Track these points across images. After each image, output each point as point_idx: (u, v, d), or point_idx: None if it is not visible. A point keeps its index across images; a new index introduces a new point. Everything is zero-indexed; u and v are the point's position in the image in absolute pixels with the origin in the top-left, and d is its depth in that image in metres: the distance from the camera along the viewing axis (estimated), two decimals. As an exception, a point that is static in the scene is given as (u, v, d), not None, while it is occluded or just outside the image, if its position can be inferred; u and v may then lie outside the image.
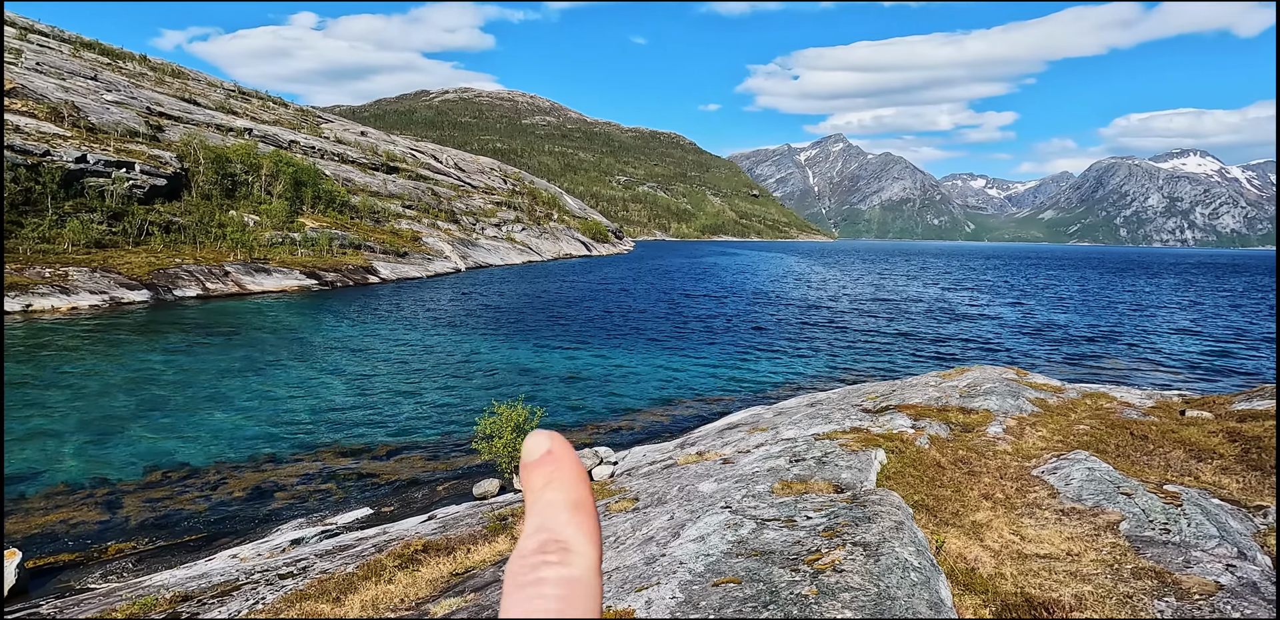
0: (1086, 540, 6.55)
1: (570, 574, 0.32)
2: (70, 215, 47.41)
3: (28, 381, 22.38)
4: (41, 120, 55.88)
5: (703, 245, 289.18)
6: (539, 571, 0.32)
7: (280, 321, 37.48)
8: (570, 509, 0.34)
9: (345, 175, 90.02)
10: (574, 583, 0.32)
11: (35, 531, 12.07)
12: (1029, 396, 12.81)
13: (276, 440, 17.51)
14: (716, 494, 7.71)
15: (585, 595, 0.32)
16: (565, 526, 0.34)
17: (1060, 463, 8.82)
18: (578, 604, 0.31)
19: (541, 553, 0.33)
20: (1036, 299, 62.61)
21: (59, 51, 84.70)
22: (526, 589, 0.32)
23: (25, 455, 15.74)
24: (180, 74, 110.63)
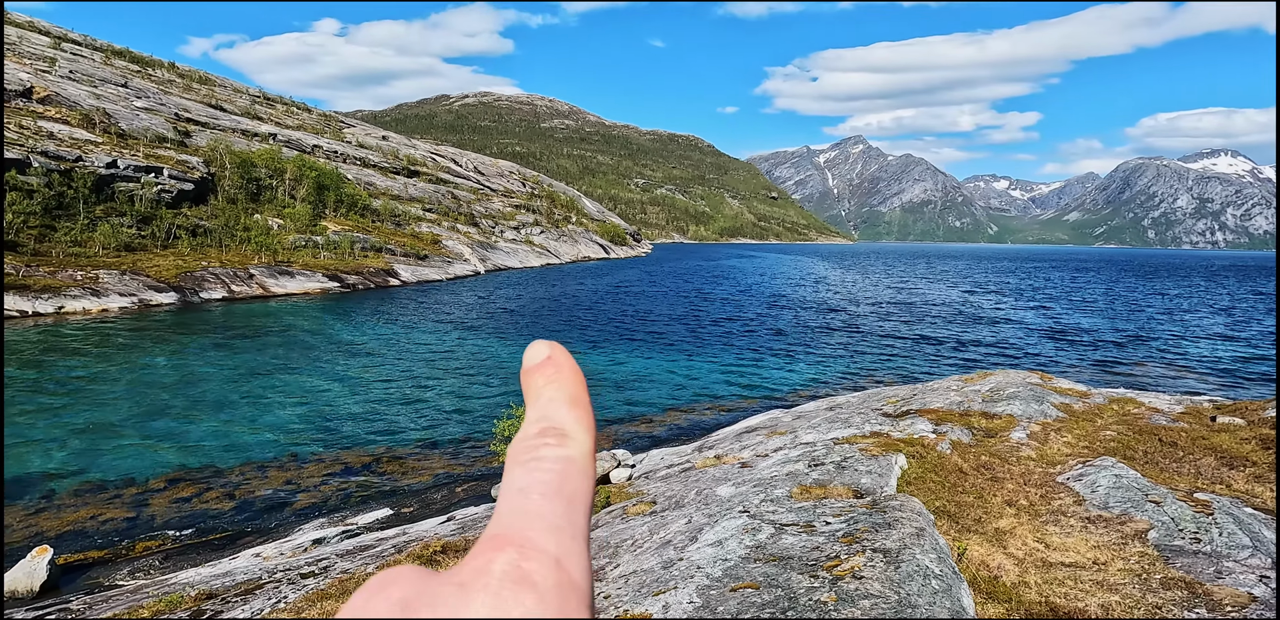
0: (1113, 549, 6.42)
1: (567, 454, 0.35)
2: (101, 219, 48.54)
3: (60, 381, 22.92)
4: (74, 127, 57.30)
5: (721, 248, 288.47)
6: (539, 451, 0.35)
7: (303, 324, 38.02)
8: (569, 403, 0.37)
9: (367, 179, 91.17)
10: (570, 461, 0.35)
11: (66, 529, 12.33)
12: (1053, 401, 12.59)
13: (299, 441, 17.74)
14: (734, 498, 7.67)
15: (579, 473, 0.35)
16: (564, 417, 0.37)
17: (1086, 469, 8.66)
18: (573, 478, 0.34)
19: (541, 436, 0.36)
20: (1061, 302, 61.58)
21: (91, 60, 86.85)
22: (527, 464, 0.35)
23: (57, 454, 16.11)
24: (207, 80, 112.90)
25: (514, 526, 0.31)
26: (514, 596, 0.27)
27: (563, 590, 0.29)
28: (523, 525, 0.31)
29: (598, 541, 7.71)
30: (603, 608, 4.80)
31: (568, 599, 0.29)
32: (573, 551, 0.31)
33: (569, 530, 0.32)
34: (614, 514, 9.55)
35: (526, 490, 0.34)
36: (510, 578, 0.28)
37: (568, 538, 0.32)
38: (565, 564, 0.30)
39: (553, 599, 0.28)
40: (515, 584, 0.28)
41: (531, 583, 0.28)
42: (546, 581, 0.29)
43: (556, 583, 0.29)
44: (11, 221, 42.22)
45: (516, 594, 0.27)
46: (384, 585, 0.31)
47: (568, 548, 0.31)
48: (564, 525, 0.32)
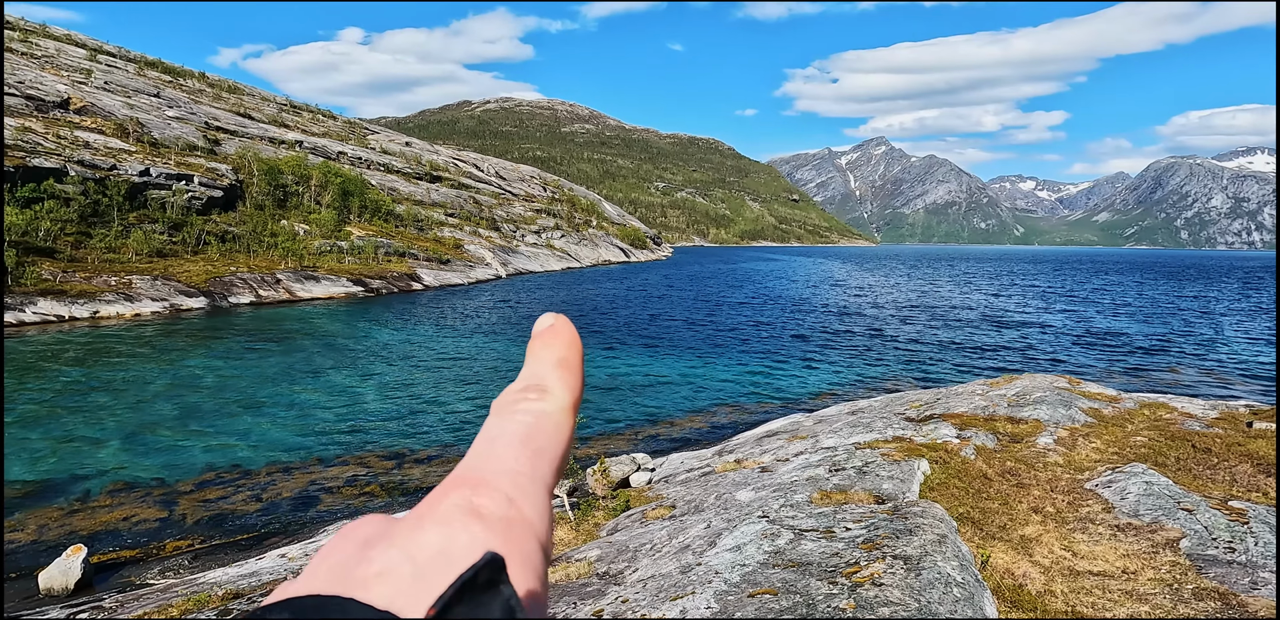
0: (1144, 558, 6.27)
1: (543, 408, 0.37)
2: (134, 226, 49.79)
3: (94, 385, 23.52)
4: (109, 136, 58.92)
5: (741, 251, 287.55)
6: (518, 404, 0.38)
7: (328, 328, 38.61)
8: (556, 364, 0.40)
9: (390, 185, 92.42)
10: (544, 415, 0.37)
11: (99, 528, 12.64)
12: (1082, 406, 12.34)
13: (323, 443, 18.00)
14: (754, 503, 7.63)
15: (552, 426, 0.36)
16: (548, 375, 0.39)
17: (1116, 476, 8.47)
18: (545, 430, 0.36)
19: (524, 391, 0.39)
20: (1090, 305, 60.35)
21: (125, 71, 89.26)
22: (503, 415, 0.37)
23: (94, 455, 16.53)
24: (236, 90, 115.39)
25: (474, 468, 0.33)
26: (463, 526, 0.29)
27: (511, 523, 0.30)
28: (482, 467, 0.33)
29: (616, 546, 7.71)
30: (620, 612, 4.80)
31: (516, 531, 0.30)
32: (529, 493, 0.32)
33: (528, 475, 0.33)
34: (633, 518, 9.54)
35: (495, 438, 0.35)
36: (460, 510, 0.30)
37: (525, 481, 0.33)
38: (518, 502, 0.31)
39: (500, 528, 0.29)
40: (464, 515, 0.29)
41: (480, 515, 0.30)
42: (495, 514, 0.30)
43: (505, 516, 0.30)
44: (49, 229, 43.48)
45: (466, 523, 0.29)
46: (352, 529, 0.33)
47: (524, 489, 0.32)
48: (524, 471, 0.33)
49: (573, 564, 7.09)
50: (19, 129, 49.94)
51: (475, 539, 0.28)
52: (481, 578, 0.24)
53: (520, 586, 0.27)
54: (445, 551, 0.28)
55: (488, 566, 0.25)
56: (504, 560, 0.26)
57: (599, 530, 9.71)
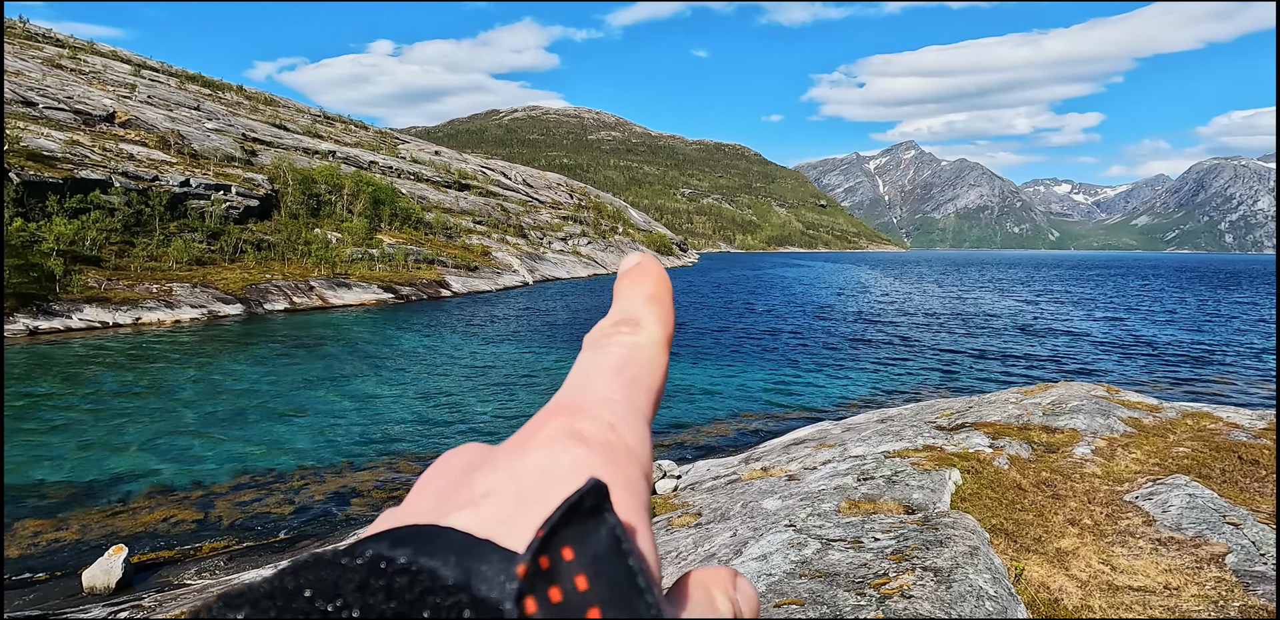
0: (1187, 573, 6.06)
1: (636, 341, 0.37)
2: (174, 235, 51.36)
3: (136, 389, 24.24)
4: (151, 148, 60.94)
5: (768, 257, 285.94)
6: (611, 337, 0.37)
7: (359, 334, 39.29)
8: (647, 299, 0.39)
9: (420, 193, 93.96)
10: (637, 347, 0.36)
11: (139, 529, 12.99)
12: (1121, 415, 11.99)
13: (354, 447, 18.29)
14: (780, 511, 7.56)
15: (646, 358, 0.36)
16: (640, 310, 0.39)
17: (1157, 488, 8.21)
18: (638, 361, 0.36)
19: (616, 325, 0.38)
20: (1131, 312, 58.70)
21: (167, 85, 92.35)
22: (595, 348, 0.37)
23: (133, 457, 17.02)
24: (272, 102, 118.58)
25: (571, 397, 0.33)
26: (565, 448, 0.29)
27: (613, 448, 0.30)
28: (580, 397, 0.33)
29: (642, 553, 7.69)
30: None
31: (618, 455, 0.29)
32: (628, 421, 0.32)
33: (625, 404, 0.33)
34: (659, 525, 9.52)
35: (589, 370, 0.35)
36: (563, 433, 0.30)
37: (623, 409, 0.32)
38: (619, 429, 0.31)
39: (602, 452, 0.29)
40: (566, 437, 0.29)
41: (583, 438, 0.29)
42: (597, 438, 0.30)
43: (607, 440, 0.30)
44: (95, 238, 45.05)
45: (567, 446, 0.29)
46: (450, 456, 0.33)
47: (622, 417, 0.32)
48: (620, 400, 0.33)
49: (598, 571, 7.09)
50: (68, 142, 51.93)
51: (579, 461, 0.28)
52: (587, 503, 0.24)
53: (624, 513, 0.27)
54: (549, 473, 0.27)
55: (593, 491, 0.24)
56: (607, 487, 0.25)
57: (624, 537, 9.69)
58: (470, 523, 0.25)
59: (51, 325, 35.82)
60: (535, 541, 0.22)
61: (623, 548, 0.23)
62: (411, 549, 0.22)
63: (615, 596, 0.22)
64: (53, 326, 35.79)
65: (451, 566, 0.21)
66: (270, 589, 0.21)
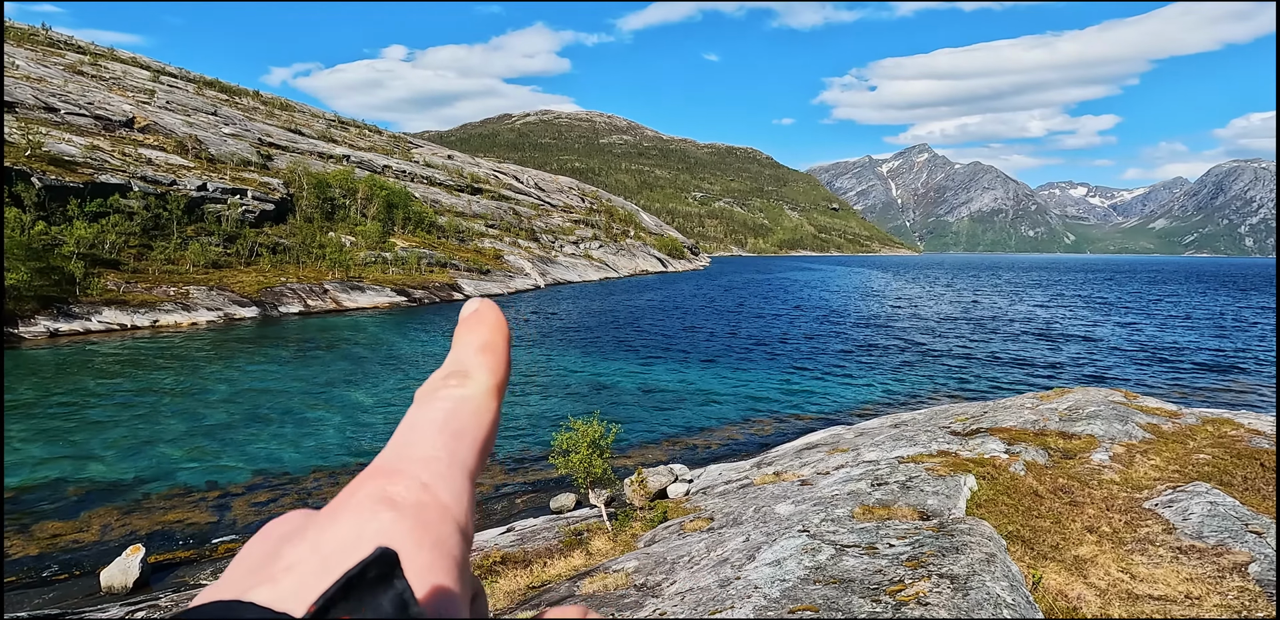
0: (1209, 582, 5.96)
1: (463, 394, 0.37)
2: (192, 238, 51.99)
3: (153, 391, 24.52)
4: (169, 153, 61.77)
5: (780, 260, 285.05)
6: (438, 392, 0.38)
7: (373, 336, 39.55)
8: (479, 349, 0.39)
9: (433, 197, 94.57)
10: (464, 400, 0.37)
11: (156, 529, 13.13)
12: (1139, 421, 11.84)
13: (367, 449, 18.40)
14: (794, 516, 7.52)
15: (472, 410, 0.37)
16: (470, 361, 0.39)
17: (1177, 495, 8.09)
18: (463, 415, 0.36)
19: (446, 378, 0.38)
20: (1148, 317, 57.96)
21: (185, 90, 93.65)
22: (424, 402, 0.37)
23: (151, 458, 17.21)
24: (287, 107, 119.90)
25: (390, 460, 0.33)
26: (373, 515, 0.29)
27: (424, 508, 0.30)
28: (398, 457, 0.33)
29: (654, 557, 7.67)
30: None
31: (429, 514, 0.30)
32: (445, 477, 0.32)
33: (446, 460, 0.33)
34: (671, 529, 9.49)
35: (414, 426, 0.35)
36: (372, 499, 0.30)
37: (443, 466, 0.33)
38: (433, 487, 0.31)
39: (411, 515, 0.29)
40: (375, 503, 0.30)
41: (392, 502, 0.30)
42: (407, 500, 0.30)
43: (418, 502, 0.30)
44: (114, 242, 45.70)
45: (375, 512, 0.29)
46: (272, 526, 0.33)
47: (439, 474, 0.32)
48: (441, 456, 0.33)
49: (610, 575, 7.08)
50: (88, 147, 52.75)
51: (384, 527, 0.28)
52: (370, 573, 0.24)
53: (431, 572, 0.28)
54: (355, 542, 0.28)
55: (377, 561, 0.24)
56: (396, 555, 0.25)
57: (636, 541, 9.68)
58: (270, 597, 0.25)
59: (71, 327, 36.34)
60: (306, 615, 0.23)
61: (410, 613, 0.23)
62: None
63: None
64: (73, 328, 36.31)
65: None
66: None
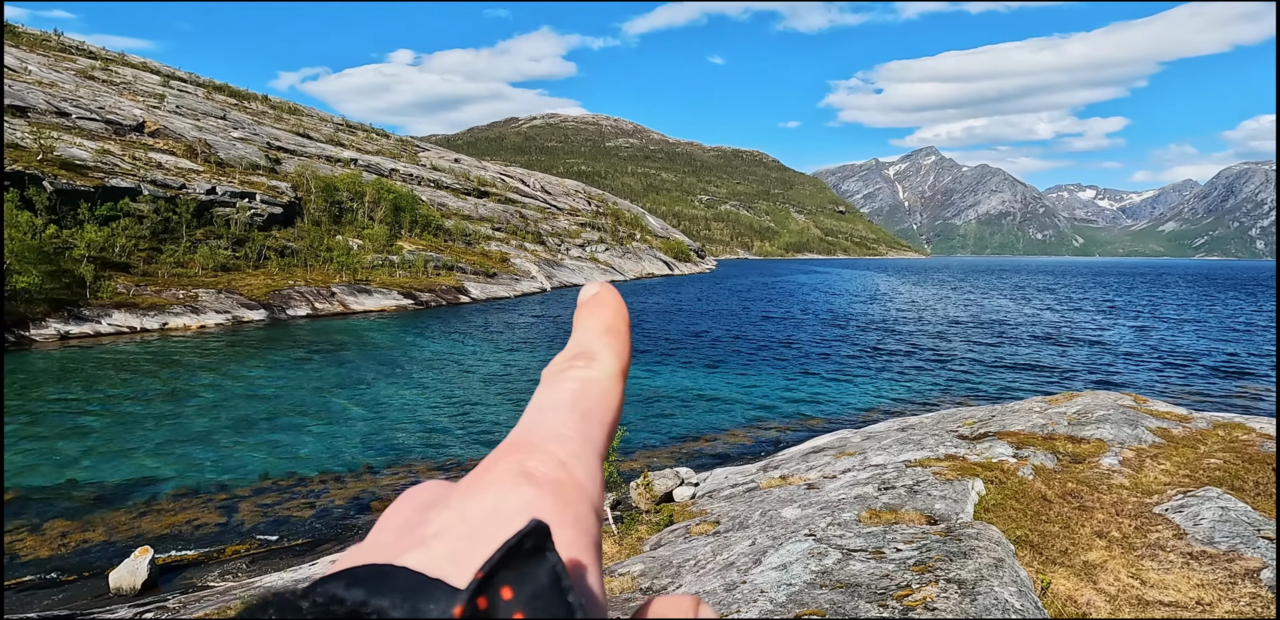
0: (1220, 588, 5.90)
1: (590, 375, 0.38)
2: (201, 242, 52.35)
3: (162, 393, 24.67)
4: (179, 157, 62.28)
5: (786, 263, 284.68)
6: (564, 372, 0.38)
7: (380, 339, 39.68)
8: (603, 332, 0.40)
9: (440, 200, 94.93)
10: (591, 381, 0.37)
11: (165, 531, 13.19)
12: (1149, 425, 11.75)
13: (374, 452, 18.45)
14: (800, 520, 7.49)
15: (599, 392, 0.37)
16: (595, 343, 0.40)
17: (1188, 500, 8.02)
18: (592, 396, 0.37)
19: (572, 359, 0.39)
20: (1158, 320, 57.56)
21: (195, 95, 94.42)
22: (550, 383, 0.38)
23: (159, 460, 17.31)
24: (296, 111, 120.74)
25: (524, 436, 0.34)
26: (514, 488, 0.30)
27: (562, 485, 0.31)
28: (532, 434, 0.34)
29: (660, 560, 7.66)
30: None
31: (568, 492, 0.31)
32: (580, 457, 0.33)
33: (578, 439, 0.34)
34: (677, 533, 9.47)
35: (544, 406, 0.36)
36: (512, 473, 0.31)
37: (575, 445, 0.33)
38: (570, 466, 0.32)
39: (551, 490, 0.30)
40: (516, 477, 0.30)
41: (532, 477, 0.31)
42: (546, 477, 0.31)
43: (556, 478, 0.31)
44: (124, 245, 46.07)
45: (517, 485, 0.30)
46: (413, 493, 0.35)
47: (573, 452, 0.33)
48: (573, 435, 0.34)
49: (616, 578, 7.08)
50: (99, 151, 53.24)
51: (527, 501, 0.29)
52: (527, 544, 0.25)
53: (572, 550, 0.28)
54: (498, 512, 0.29)
55: (534, 532, 0.25)
56: (549, 528, 0.26)
57: (642, 544, 9.66)
58: (422, 562, 0.26)
59: (82, 330, 36.62)
60: (474, 582, 0.23)
61: (563, 585, 0.24)
62: (364, 589, 0.23)
63: None
64: (83, 331, 36.59)
65: (399, 606, 0.22)
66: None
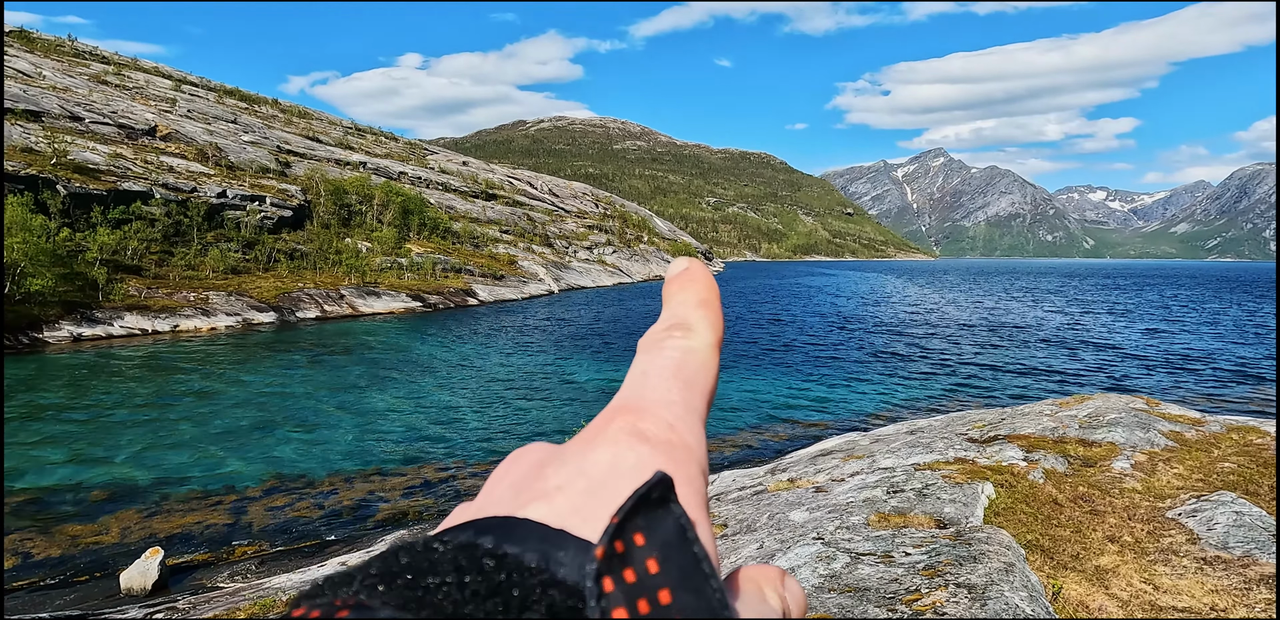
0: (1235, 594, 5.83)
1: (689, 344, 0.38)
2: (211, 245, 52.78)
3: (173, 395, 24.87)
4: (190, 160, 62.83)
5: (794, 266, 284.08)
6: (664, 341, 0.39)
7: (388, 341, 39.85)
8: (698, 305, 0.41)
9: (448, 203, 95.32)
10: (691, 351, 0.38)
11: (175, 532, 13.28)
12: (1161, 429, 11.63)
13: (383, 455, 18.51)
14: (808, 524, 7.46)
15: (699, 361, 0.38)
16: (690, 315, 0.40)
17: (1201, 504, 7.93)
18: (692, 364, 0.37)
19: (669, 329, 0.40)
20: (1171, 323, 57.05)
21: (206, 99, 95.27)
22: (651, 351, 0.39)
23: (170, 461, 17.43)
24: (305, 114, 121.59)
25: (632, 399, 0.35)
26: (629, 446, 0.31)
27: (674, 447, 0.32)
28: (639, 397, 0.35)
29: (668, 564, 7.64)
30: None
31: (679, 453, 0.32)
32: (685, 421, 0.34)
33: (682, 405, 0.35)
34: (684, 536, 9.45)
35: (647, 372, 0.37)
36: (625, 432, 0.32)
37: (681, 410, 0.34)
38: (678, 428, 0.33)
39: (663, 450, 0.31)
40: (630, 436, 0.31)
41: (645, 437, 0.32)
42: (659, 437, 0.32)
43: (667, 439, 0.32)
44: (136, 248, 46.50)
45: (632, 444, 0.31)
46: (521, 453, 0.36)
47: (680, 417, 0.34)
48: (678, 400, 0.35)
49: (624, 581, 7.06)
50: (112, 155, 53.79)
51: (643, 458, 0.30)
52: (655, 494, 0.25)
53: (686, 506, 0.29)
54: (616, 468, 0.30)
55: (660, 484, 0.26)
56: (673, 480, 0.27)
57: (650, 547, 9.64)
58: (545, 513, 0.27)
59: (94, 332, 36.97)
60: (611, 527, 0.24)
61: (688, 536, 0.25)
62: (494, 536, 0.24)
63: (684, 580, 0.24)
64: (95, 333, 36.94)
65: (532, 552, 0.23)
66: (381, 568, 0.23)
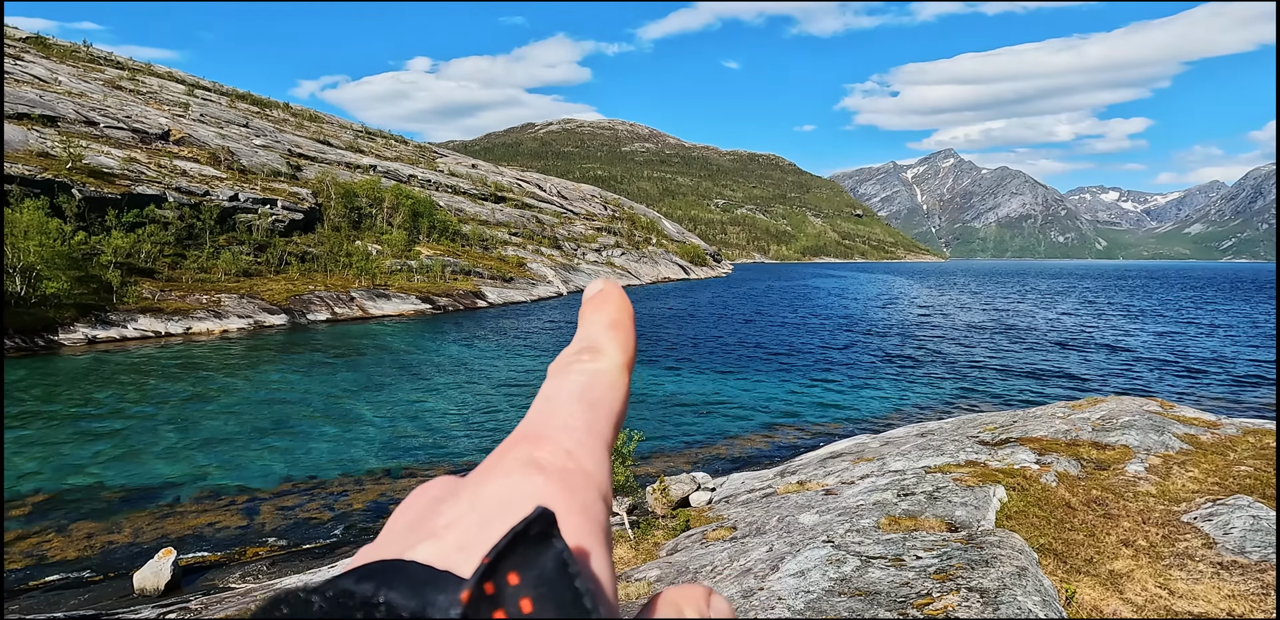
0: (1252, 599, 5.75)
1: (596, 367, 0.39)
2: (223, 248, 53.22)
3: (185, 397, 25.06)
4: (203, 164, 63.40)
5: (802, 267, 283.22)
6: (571, 365, 0.39)
7: (398, 344, 40.03)
8: (608, 326, 0.41)
9: (457, 206, 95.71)
10: (598, 374, 0.38)
11: (187, 533, 13.38)
12: (1176, 432, 11.51)
13: (392, 456, 18.58)
14: (818, 527, 7.43)
15: (606, 383, 0.38)
16: (600, 337, 0.40)
17: (1217, 508, 7.84)
18: (598, 387, 0.37)
19: (578, 353, 0.40)
20: (1185, 325, 56.45)
21: (218, 103, 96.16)
22: (557, 376, 0.39)
23: (183, 462, 17.57)
24: (316, 118, 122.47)
25: (533, 426, 0.35)
26: (524, 477, 0.31)
27: (570, 474, 0.32)
28: (540, 424, 0.35)
29: (676, 566, 7.62)
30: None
31: (576, 481, 0.31)
32: (586, 446, 0.34)
33: (585, 430, 0.35)
34: (693, 538, 9.43)
35: (551, 397, 0.37)
36: (520, 463, 0.31)
37: (582, 434, 0.34)
38: (576, 455, 0.33)
39: (558, 478, 0.31)
40: (525, 467, 0.31)
41: (540, 466, 0.31)
42: (555, 465, 0.32)
43: (564, 467, 0.32)
44: (150, 251, 46.96)
45: (526, 474, 0.31)
46: (423, 490, 0.35)
47: (580, 442, 0.34)
48: (580, 425, 0.35)
49: (631, 584, 7.05)
50: (126, 159, 54.35)
51: (535, 489, 0.30)
52: (533, 530, 0.25)
53: (579, 537, 0.29)
54: (509, 502, 0.29)
55: (539, 519, 0.25)
56: (554, 515, 0.26)
57: (658, 550, 9.63)
58: (433, 553, 0.27)
59: (109, 334, 37.34)
60: (480, 568, 0.23)
61: (569, 571, 0.24)
62: (374, 583, 0.23)
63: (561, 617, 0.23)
64: (109, 336, 37.31)
65: (409, 598, 0.23)
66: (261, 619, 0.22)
